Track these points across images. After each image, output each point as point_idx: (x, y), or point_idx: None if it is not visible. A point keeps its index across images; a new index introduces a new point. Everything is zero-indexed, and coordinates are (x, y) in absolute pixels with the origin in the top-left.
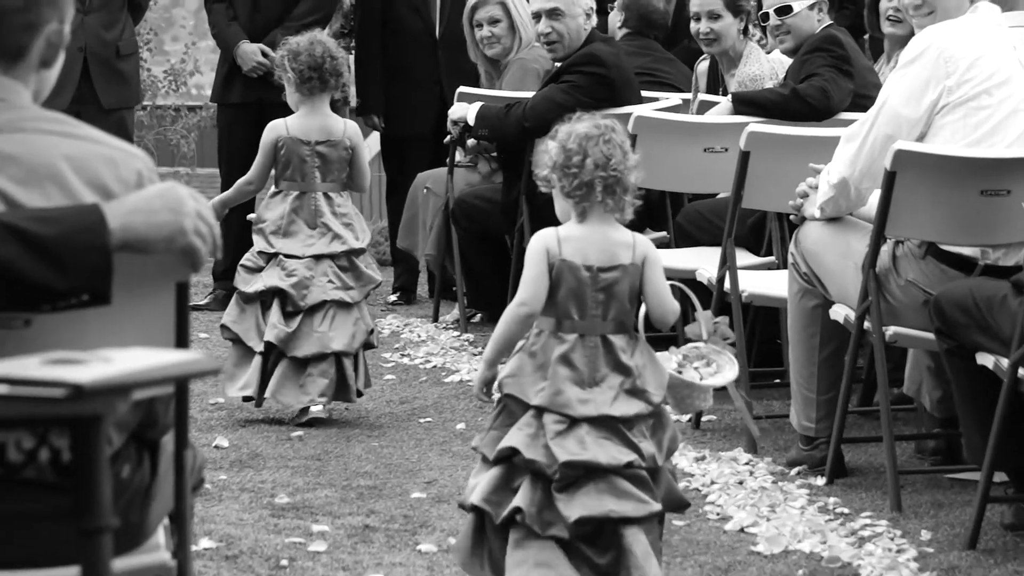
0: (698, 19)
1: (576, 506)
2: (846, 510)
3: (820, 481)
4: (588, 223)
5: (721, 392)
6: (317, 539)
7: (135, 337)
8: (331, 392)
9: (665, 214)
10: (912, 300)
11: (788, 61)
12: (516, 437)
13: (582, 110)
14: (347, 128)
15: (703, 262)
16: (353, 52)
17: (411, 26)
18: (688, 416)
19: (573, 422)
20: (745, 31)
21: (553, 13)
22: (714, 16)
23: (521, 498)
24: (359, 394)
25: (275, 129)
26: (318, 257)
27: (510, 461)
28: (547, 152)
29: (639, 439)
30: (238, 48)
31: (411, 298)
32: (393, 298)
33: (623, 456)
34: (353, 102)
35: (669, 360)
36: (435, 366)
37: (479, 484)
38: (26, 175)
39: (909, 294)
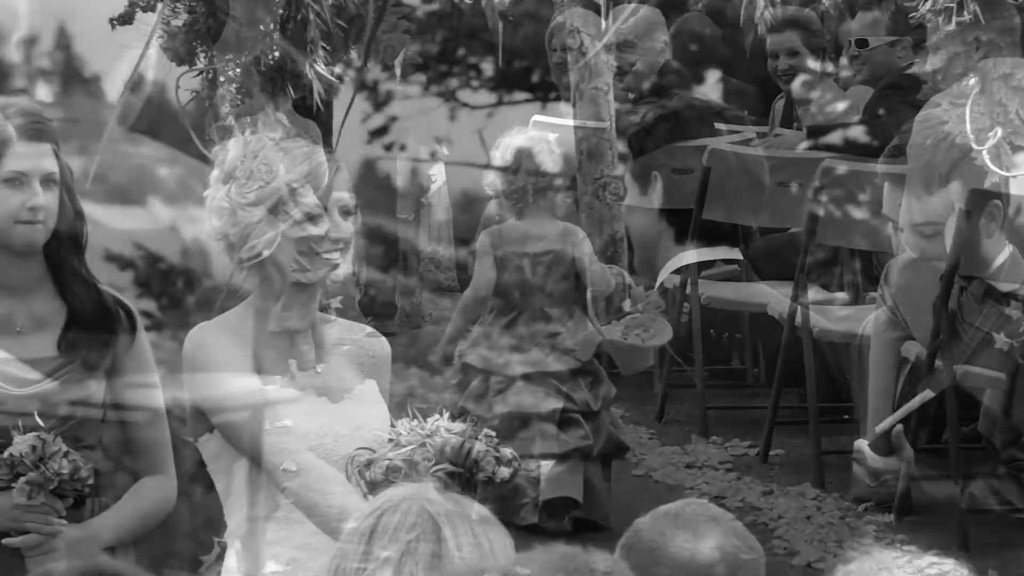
0: (776, 56)
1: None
2: (913, 547)
3: (888, 518)
4: (525, 219)
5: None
6: None
7: None
8: None
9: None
10: (979, 343)
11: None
12: (467, 398)
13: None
14: None
15: (773, 296)
16: None
17: None
18: (757, 450)
19: (511, 380)
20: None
21: (626, 45)
22: (792, 53)
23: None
24: None
25: None
26: None
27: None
28: (491, 161)
29: (574, 391)
30: None
31: None
32: None
33: (549, 405)
34: None
35: (614, 330)
36: None
37: None
38: None
39: (975, 338)
